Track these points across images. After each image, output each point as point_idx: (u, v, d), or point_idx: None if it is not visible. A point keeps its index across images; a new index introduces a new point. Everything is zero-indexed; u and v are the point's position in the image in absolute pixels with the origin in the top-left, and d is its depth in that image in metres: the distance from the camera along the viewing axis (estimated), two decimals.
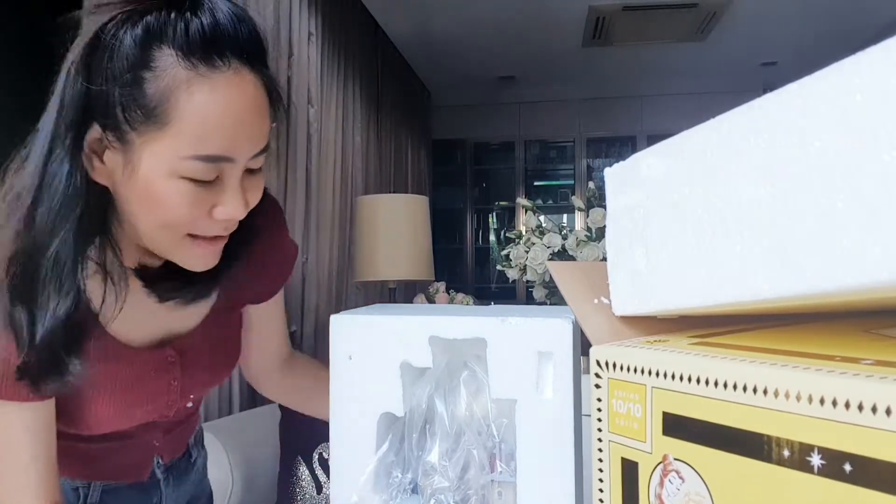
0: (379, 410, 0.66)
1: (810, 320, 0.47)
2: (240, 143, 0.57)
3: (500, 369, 0.62)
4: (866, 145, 0.28)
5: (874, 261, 0.28)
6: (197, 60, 0.54)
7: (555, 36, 3.90)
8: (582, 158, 5.12)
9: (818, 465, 0.29)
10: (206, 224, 0.59)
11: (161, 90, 0.53)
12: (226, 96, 0.55)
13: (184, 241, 0.60)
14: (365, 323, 0.67)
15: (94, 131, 0.56)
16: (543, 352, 0.60)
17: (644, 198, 0.45)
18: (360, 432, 0.67)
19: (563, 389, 0.60)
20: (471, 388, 0.65)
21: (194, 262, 0.63)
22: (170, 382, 0.73)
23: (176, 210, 0.57)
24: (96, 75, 0.54)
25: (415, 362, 0.65)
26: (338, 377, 0.68)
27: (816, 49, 3.87)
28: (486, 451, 0.64)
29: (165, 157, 0.55)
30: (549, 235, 1.83)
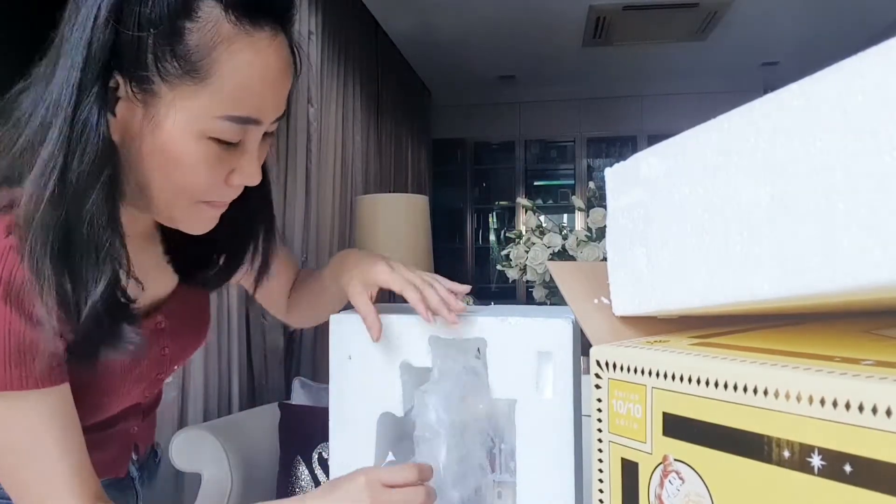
0: (378, 410, 0.66)
1: (810, 320, 0.47)
2: (269, 106, 0.56)
3: (500, 369, 0.62)
4: (867, 146, 0.28)
5: (874, 261, 0.28)
6: (241, 16, 0.52)
7: (555, 36, 3.90)
8: (582, 158, 5.12)
9: (818, 465, 0.29)
10: (221, 191, 0.57)
11: (203, 43, 0.51)
12: (266, 57, 0.54)
13: (195, 206, 0.58)
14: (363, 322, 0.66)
15: (112, 80, 0.52)
16: (543, 352, 0.60)
17: (644, 198, 0.45)
18: (359, 432, 0.67)
19: (563, 389, 0.59)
20: (470, 388, 0.65)
21: (198, 225, 0.60)
22: (162, 351, 0.72)
23: (195, 172, 0.54)
24: (128, 20, 0.50)
25: (415, 362, 0.65)
26: (338, 377, 0.68)
27: (817, 49, 3.87)
28: (485, 451, 0.64)
29: (197, 115, 0.52)
30: (549, 235, 1.83)
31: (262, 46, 0.53)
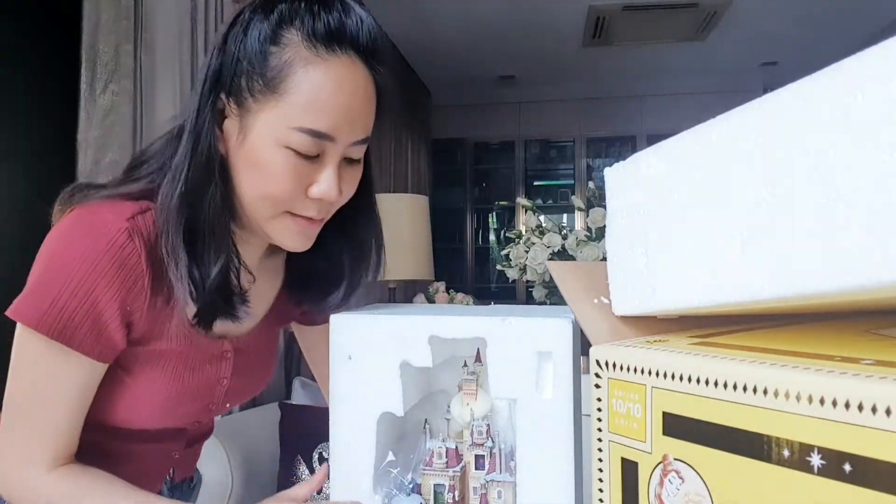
0: (378, 410, 0.66)
1: (810, 320, 0.47)
2: (343, 125, 0.62)
3: (500, 369, 0.62)
4: (867, 146, 0.28)
5: (874, 261, 0.28)
6: (319, 44, 0.60)
7: (555, 36, 3.90)
8: (582, 158, 5.12)
9: (818, 465, 0.29)
10: (303, 203, 0.64)
11: (282, 63, 0.60)
12: (337, 78, 0.61)
13: (281, 217, 0.64)
14: (365, 323, 0.66)
15: (220, 101, 0.62)
16: (543, 352, 0.60)
17: (644, 198, 0.45)
18: (359, 432, 0.67)
19: (563, 389, 0.59)
20: (470, 387, 0.65)
21: (289, 239, 0.67)
22: (220, 379, 0.76)
23: (277, 178, 0.61)
24: (230, 49, 0.61)
25: (415, 362, 0.65)
26: (337, 377, 0.68)
27: (816, 49, 3.87)
28: (485, 451, 0.65)
29: (276, 125, 0.60)
30: (549, 235, 1.83)
31: (334, 69, 0.61)
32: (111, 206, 0.63)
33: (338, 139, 0.62)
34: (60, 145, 1.96)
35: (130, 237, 0.61)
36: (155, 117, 1.97)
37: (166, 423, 0.74)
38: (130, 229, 0.61)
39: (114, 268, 0.61)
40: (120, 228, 0.61)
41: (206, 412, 0.79)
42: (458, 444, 0.67)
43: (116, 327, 0.63)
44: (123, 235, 0.61)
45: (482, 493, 0.65)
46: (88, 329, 0.61)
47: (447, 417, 0.69)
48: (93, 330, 0.61)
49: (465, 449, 0.66)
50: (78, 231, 0.61)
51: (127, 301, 0.62)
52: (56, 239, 0.62)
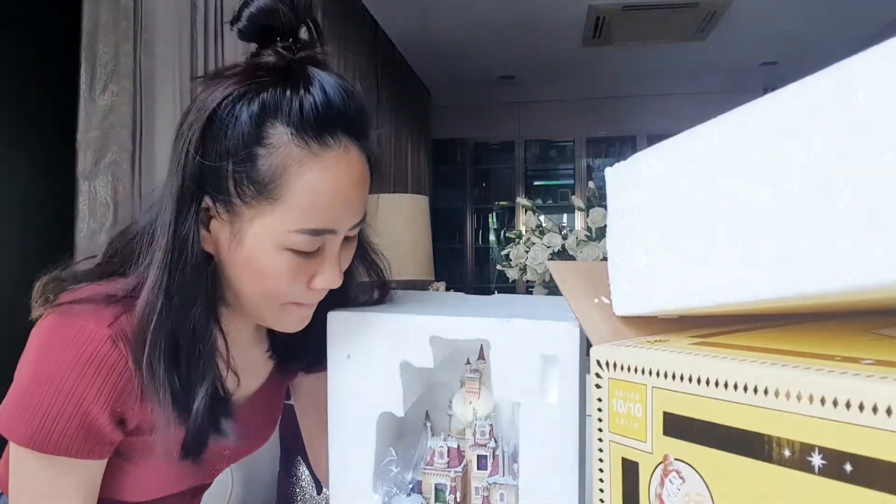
0: (378, 410, 0.65)
1: (810, 320, 0.47)
2: (342, 216, 0.59)
3: (504, 371, 0.60)
4: (867, 145, 0.28)
5: (875, 261, 0.28)
6: (309, 138, 0.56)
7: (555, 36, 3.90)
8: (582, 158, 5.12)
9: (819, 465, 0.29)
10: (305, 293, 0.61)
11: (274, 167, 0.55)
12: (335, 174, 0.57)
13: (283, 308, 0.62)
14: (364, 321, 0.65)
15: (204, 202, 0.58)
16: (548, 355, 0.59)
17: (645, 197, 0.45)
18: (359, 432, 0.66)
19: (569, 394, 0.58)
20: (473, 385, 0.65)
21: (289, 324, 0.65)
22: (223, 451, 0.74)
23: (279, 280, 0.59)
24: (211, 150, 0.56)
25: (415, 362, 0.64)
26: (336, 376, 0.67)
27: (817, 49, 3.87)
28: (488, 452, 0.64)
29: (273, 230, 0.57)
30: (549, 235, 1.83)
31: (330, 164, 0.57)
32: (92, 313, 0.59)
33: (339, 230, 0.60)
34: (60, 145, 1.96)
35: (115, 344, 0.58)
36: (154, 117, 1.97)
37: (172, 491, 0.73)
38: (114, 336, 0.58)
39: (101, 376, 0.58)
40: (102, 337, 0.58)
41: (210, 476, 0.78)
42: (460, 441, 0.66)
43: (111, 429, 0.61)
44: (108, 344, 0.58)
45: (484, 496, 0.64)
46: (84, 437, 0.59)
47: (449, 413, 0.68)
48: (88, 437, 0.60)
49: (467, 448, 0.65)
50: (59, 342, 0.58)
51: (118, 404, 0.60)
52: (39, 347, 0.59)
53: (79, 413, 0.58)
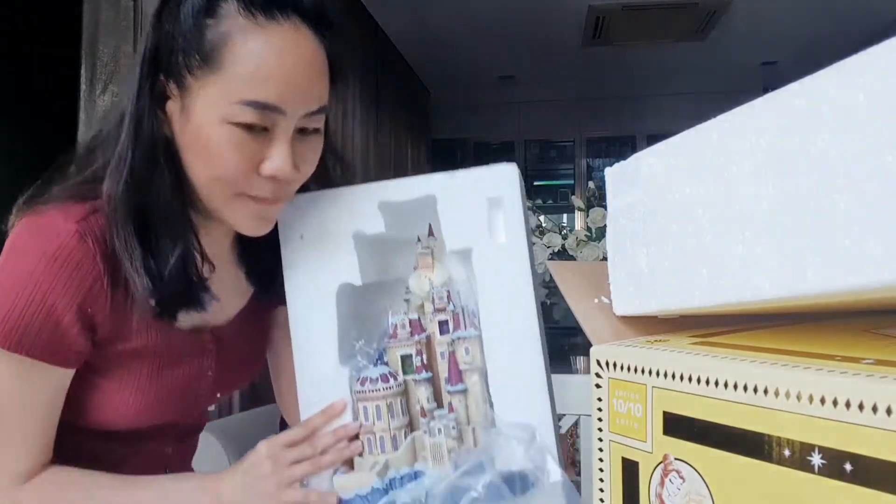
0: (336, 283, 0.66)
1: (811, 320, 0.47)
2: (290, 95, 0.58)
3: (453, 222, 0.63)
4: (868, 145, 0.28)
5: (875, 261, 0.28)
6: (257, 11, 0.57)
7: (554, 36, 3.90)
8: (582, 158, 5.11)
9: (819, 464, 0.29)
10: (256, 181, 0.60)
11: (219, 35, 0.56)
12: (280, 46, 0.57)
13: (236, 199, 0.61)
14: (313, 199, 0.66)
15: (159, 82, 0.59)
16: (493, 197, 0.62)
17: (644, 197, 0.45)
18: (319, 308, 0.66)
19: (516, 233, 0.61)
20: (426, 261, 0.66)
21: (247, 223, 0.63)
22: (205, 372, 0.73)
23: (225, 157, 0.58)
24: (166, 25, 0.58)
25: (367, 230, 0.65)
26: (291, 259, 0.67)
27: (817, 49, 3.87)
28: (448, 316, 0.65)
29: (217, 101, 0.57)
30: (549, 235, 1.83)
31: (276, 36, 0.57)
32: (60, 210, 0.60)
33: (287, 111, 0.58)
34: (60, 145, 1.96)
35: (82, 238, 0.59)
36: None
37: (153, 421, 0.71)
38: (81, 231, 0.59)
39: (67, 271, 0.58)
40: (70, 231, 0.58)
41: (194, 406, 0.75)
42: (421, 316, 0.66)
43: (78, 332, 0.60)
44: (74, 238, 0.58)
45: (450, 352, 0.64)
46: (48, 337, 0.59)
47: (406, 298, 0.68)
48: (53, 337, 0.59)
49: (428, 322, 0.66)
50: (27, 238, 0.59)
51: (86, 304, 0.60)
52: (8, 248, 0.60)
53: (44, 308, 0.58)
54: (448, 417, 0.63)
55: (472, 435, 0.63)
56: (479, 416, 0.63)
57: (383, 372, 0.65)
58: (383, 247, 0.68)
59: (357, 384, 0.65)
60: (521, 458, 0.57)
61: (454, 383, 0.64)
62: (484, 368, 0.62)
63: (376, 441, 0.65)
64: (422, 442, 0.64)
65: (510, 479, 0.57)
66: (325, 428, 0.65)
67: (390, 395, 0.65)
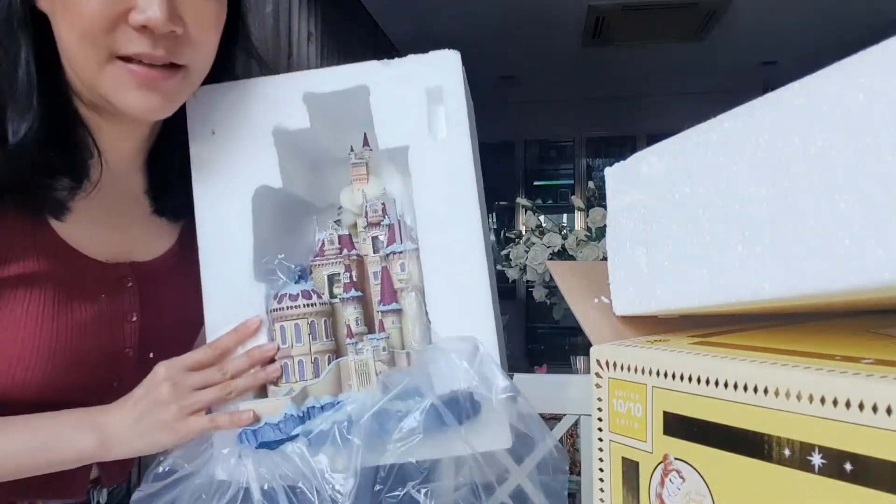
0: (253, 184, 0.58)
1: (810, 320, 0.47)
2: None
3: (388, 116, 0.56)
4: (868, 145, 0.28)
5: (876, 261, 0.28)
6: None
7: (555, 36, 3.90)
8: (582, 158, 5.12)
9: (819, 464, 0.29)
10: (126, 35, 0.52)
11: None
12: None
13: (110, 65, 0.53)
14: (227, 91, 0.59)
15: None
16: (432, 87, 0.56)
17: (644, 197, 0.45)
18: (232, 212, 0.58)
19: (457, 128, 0.55)
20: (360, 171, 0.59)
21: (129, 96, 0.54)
22: (126, 315, 0.63)
23: (85, 5, 0.51)
24: None
25: (290, 125, 0.58)
26: (201, 158, 0.59)
27: (817, 48, 3.87)
28: (382, 231, 0.58)
29: None
30: (549, 235, 1.83)
31: None
32: None
33: None
34: None
35: None
36: None
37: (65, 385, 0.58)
38: None
39: None
40: None
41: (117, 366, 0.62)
42: (353, 235, 0.60)
43: None
44: None
45: (383, 268, 0.58)
46: None
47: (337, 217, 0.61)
48: None
49: (361, 240, 0.60)
50: None
51: None
52: None
53: None
54: (378, 337, 0.56)
55: (405, 360, 0.56)
56: (416, 339, 0.56)
57: (305, 288, 0.57)
58: (308, 146, 0.61)
59: (274, 301, 0.57)
60: (463, 375, 0.50)
61: (387, 302, 0.57)
62: (422, 286, 0.55)
63: (294, 366, 0.56)
64: (348, 369, 0.56)
65: (453, 403, 0.50)
66: (236, 350, 0.57)
67: (312, 313, 0.57)
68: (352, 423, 0.51)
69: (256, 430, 0.53)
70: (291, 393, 0.55)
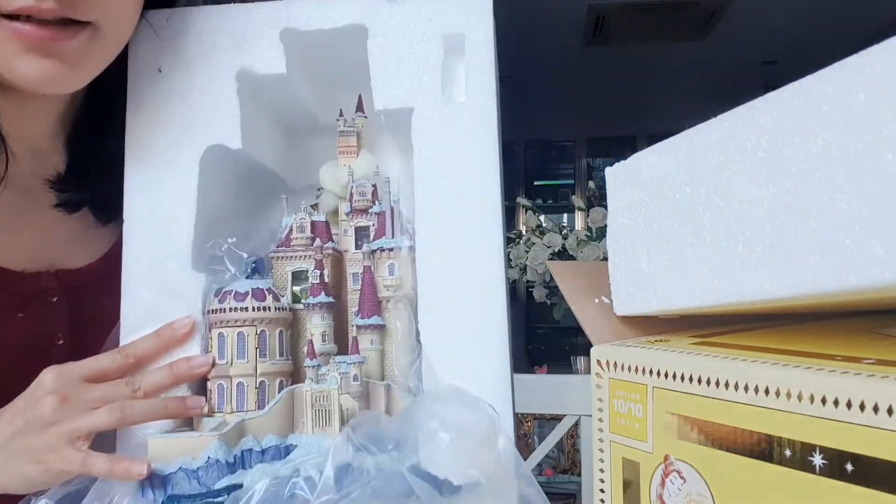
0: (204, 143, 0.45)
1: (810, 320, 0.47)
2: None
3: (389, 67, 0.42)
4: (869, 144, 0.28)
5: (877, 261, 0.28)
6: None
7: (554, 36, 3.90)
8: (582, 158, 5.12)
9: (820, 464, 0.29)
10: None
11: None
12: None
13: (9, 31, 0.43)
14: (184, 18, 0.45)
15: None
16: (451, 34, 0.42)
17: (645, 197, 0.45)
18: (171, 176, 0.44)
19: (481, 90, 0.41)
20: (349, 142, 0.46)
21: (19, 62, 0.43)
22: (52, 338, 0.52)
23: None
24: None
25: (259, 67, 0.44)
26: (140, 100, 0.45)
27: (818, 48, 3.86)
28: (370, 220, 0.46)
29: None
30: (549, 235, 1.83)
31: None
32: None
33: None
34: None
35: None
36: None
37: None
38: None
39: None
40: None
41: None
42: (332, 222, 0.48)
43: None
44: None
45: (366, 268, 0.44)
46: None
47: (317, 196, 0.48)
48: None
49: (341, 231, 0.47)
50: None
51: None
52: None
53: None
54: (350, 361, 0.42)
55: (383, 395, 0.41)
56: (400, 368, 0.43)
57: (259, 286, 0.44)
58: (282, 101, 0.48)
59: (215, 300, 0.44)
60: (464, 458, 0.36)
61: (366, 315, 0.43)
62: (414, 297, 0.43)
63: (231, 390, 0.42)
64: (304, 400, 0.41)
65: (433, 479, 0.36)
66: (156, 359, 0.44)
67: (264, 320, 0.43)
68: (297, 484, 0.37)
69: (167, 477, 0.38)
70: (223, 428, 0.41)
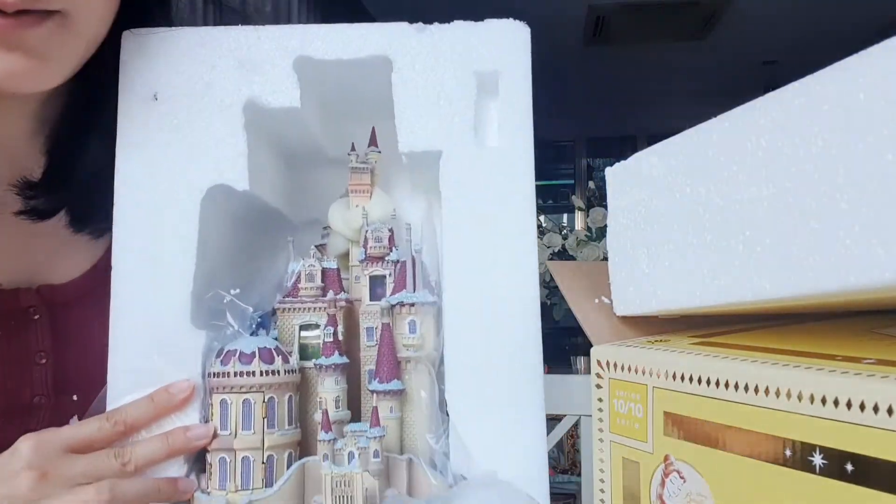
0: (205, 183, 0.40)
1: (810, 320, 0.47)
2: None
3: (415, 105, 0.38)
4: (869, 145, 0.28)
5: (877, 261, 0.28)
6: None
7: (555, 36, 3.90)
8: (582, 158, 5.12)
9: (820, 464, 0.29)
10: None
11: None
12: None
13: None
14: (183, 38, 0.40)
15: None
16: (485, 71, 0.39)
17: (645, 197, 0.45)
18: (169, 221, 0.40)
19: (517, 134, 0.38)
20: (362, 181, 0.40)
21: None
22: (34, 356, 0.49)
23: None
24: None
25: (271, 100, 0.40)
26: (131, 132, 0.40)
27: (818, 48, 3.86)
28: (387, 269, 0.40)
29: None
30: (549, 235, 1.83)
31: None
32: None
33: None
34: None
35: None
36: None
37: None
38: None
39: None
40: None
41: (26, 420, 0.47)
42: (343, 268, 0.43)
43: None
44: None
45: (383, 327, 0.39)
46: None
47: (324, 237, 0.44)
48: None
49: (353, 278, 0.42)
50: None
51: None
52: None
53: None
54: (369, 436, 0.38)
55: (406, 472, 0.38)
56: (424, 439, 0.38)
57: (265, 346, 0.40)
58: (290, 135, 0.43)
59: (216, 361, 0.39)
60: None
61: (385, 379, 0.39)
62: (436, 358, 0.40)
63: (236, 465, 0.37)
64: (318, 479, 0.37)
65: None
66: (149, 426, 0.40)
67: (272, 385, 0.38)
68: None
69: None
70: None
